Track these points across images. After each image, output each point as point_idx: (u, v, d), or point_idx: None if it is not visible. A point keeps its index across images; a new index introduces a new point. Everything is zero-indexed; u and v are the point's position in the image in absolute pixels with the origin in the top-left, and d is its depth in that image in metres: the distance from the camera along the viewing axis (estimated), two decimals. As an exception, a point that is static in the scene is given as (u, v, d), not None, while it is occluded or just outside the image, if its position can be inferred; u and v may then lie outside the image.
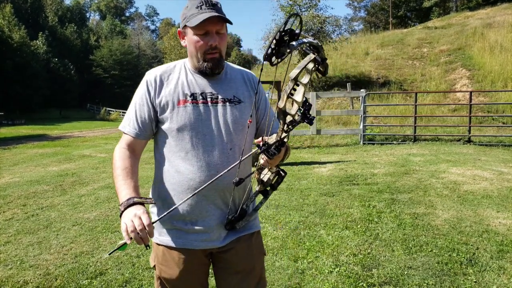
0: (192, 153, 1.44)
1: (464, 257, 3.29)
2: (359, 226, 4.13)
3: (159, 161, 1.52)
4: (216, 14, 1.38)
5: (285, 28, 1.16)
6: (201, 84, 1.50)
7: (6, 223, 4.62)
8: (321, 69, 1.27)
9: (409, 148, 9.49)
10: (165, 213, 1.38)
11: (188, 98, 1.46)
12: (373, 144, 10.52)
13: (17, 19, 40.93)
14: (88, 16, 75.62)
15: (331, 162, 8.00)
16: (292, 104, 1.26)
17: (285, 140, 1.31)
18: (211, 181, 1.35)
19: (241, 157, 1.42)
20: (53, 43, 47.03)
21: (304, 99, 1.24)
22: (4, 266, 3.41)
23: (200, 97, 1.47)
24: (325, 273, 3.10)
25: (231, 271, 1.55)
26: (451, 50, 18.55)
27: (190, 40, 1.45)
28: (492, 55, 16.26)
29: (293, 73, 1.20)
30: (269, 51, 1.16)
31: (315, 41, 1.24)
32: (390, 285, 2.90)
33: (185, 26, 1.45)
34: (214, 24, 1.40)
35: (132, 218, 1.23)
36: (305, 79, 1.25)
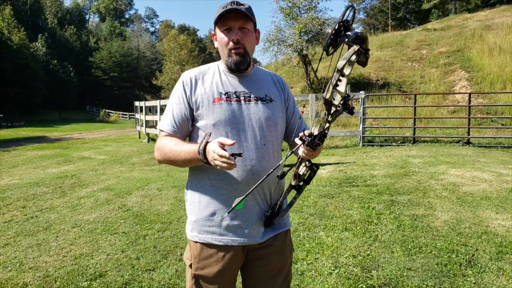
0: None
1: (463, 259, 3.29)
2: (358, 228, 4.13)
3: None
4: (236, 7, 1.44)
5: (343, 19, 1.21)
6: (234, 84, 1.56)
7: (6, 225, 4.62)
8: (363, 59, 1.29)
9: (408, 150, 9.49)
10: (246, 194, 1.35)
11: (223, 96, 1.52)
12: (373, 145, 10.53)
13: (17, 21, 40.97)
14: (87, 18, 75.67)
15: (330, 164, 8.00)
16: (335, 95, 1.29)
17: (326, 131, 1.34)
18: (263, 178, 1.36)
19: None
20: (53, 45, 47.07)
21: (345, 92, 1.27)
22: (4, 268, 3.40)
23: (234, 96, 1.53)
24: (325, 275, 3.10)
25: (264, 268, 1.58)
26: (450, 52, 18.59)
27: (217, 38, 1.53)
28: (491, 57, 16.30)
29: (340, 64, 1.22)
30: (329, 41, 1.22)
31: (363, 32, 1.28)
32: (390, 287, 2.90)
33: (215, 28, 1.53)
34: (235, 20, 1.47)
35: (212, 152, 1.30)
36: (347, 70, 1.26)
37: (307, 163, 1.50)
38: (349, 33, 1.23)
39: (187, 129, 1.56)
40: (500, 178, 6.11)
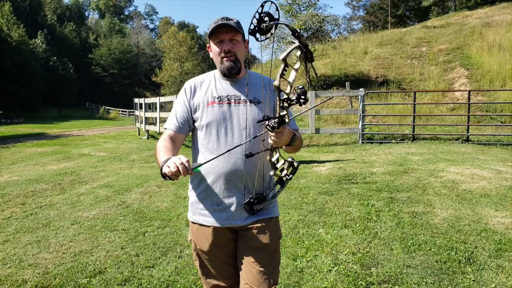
0: (218, 143, 1.74)
1: (462, 256, 3.30)
2: (358, 225, 4.14)
3: (195, 153, 1.83)
4: (225, 23, 1.68)
5: (263, 10, 1.46)
6: (227, 89, 1.81)
7: (5, 222, 4.62)
8: (308, 55, 1.50)
9: (407, 147, 9.50)
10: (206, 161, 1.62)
11: (216, 100, 1.78)
12: (372, 143, 10.53)
13: (16, 17, 40.75)
14: (87, 15, 75.48)
15: (330, 161, 8.00)
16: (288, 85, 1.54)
17: (286, 120, 1.54)
18: (226, 151, 1.63)
19: (250, 137, 1.70)
20: (52, 42, 46.89)
21: (294, 82, 1.54)
22: (3, 265, 3.41)
23: (226, 99, 1.78)
24: (324, 272, 3.11)
25: (248, 246, 1.80)
26: (450, 49, 18.55)
27: (212, 49, 1.79)
28: (490, 54, 16.27)
29: (282, 55, 1.48)
30: (252, 27, 1.51)
31: (292, 27, 1.50)
32: (389, 284, 2.91)
33: (209, 41, 1.79)
34: (226, 33, 1.72)
35: (173, 161, 1.53)
36: (296, 65, 1.50)
37: (289, 159, 1.69)
38: (267, 21, 1.49)
39: (188, 127, 1.82)
40: (499, 175, 6.12)
